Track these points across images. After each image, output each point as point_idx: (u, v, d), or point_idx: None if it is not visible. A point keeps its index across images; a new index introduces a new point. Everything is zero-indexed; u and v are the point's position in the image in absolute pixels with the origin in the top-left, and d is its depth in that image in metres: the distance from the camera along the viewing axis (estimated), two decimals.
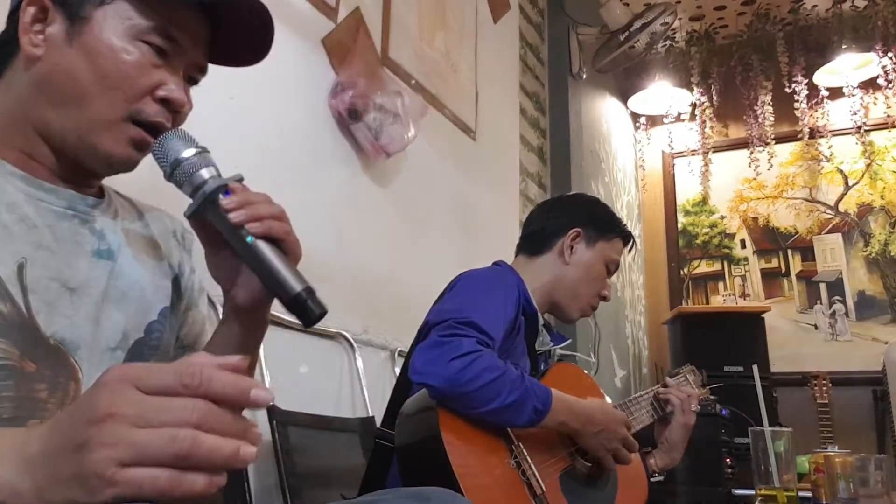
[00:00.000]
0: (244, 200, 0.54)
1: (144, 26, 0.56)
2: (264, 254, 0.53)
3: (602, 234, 1.17)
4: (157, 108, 0.57)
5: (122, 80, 0.55)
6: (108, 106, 0.55)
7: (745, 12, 2.96)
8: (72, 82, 0.55)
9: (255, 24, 0.62)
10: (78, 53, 0.55)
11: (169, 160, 0.54)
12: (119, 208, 0.64)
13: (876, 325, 2.73)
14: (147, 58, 0.56)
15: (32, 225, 0.55)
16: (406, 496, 0.58)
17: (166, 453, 0.34)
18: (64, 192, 0.58)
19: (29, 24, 0.56)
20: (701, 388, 1.30)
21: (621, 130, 3.10)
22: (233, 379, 0.36)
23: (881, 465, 1.20)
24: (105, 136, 0.56)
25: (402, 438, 0.90)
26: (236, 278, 0.58)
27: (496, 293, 1.01)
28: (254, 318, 0.60)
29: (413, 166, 1.64)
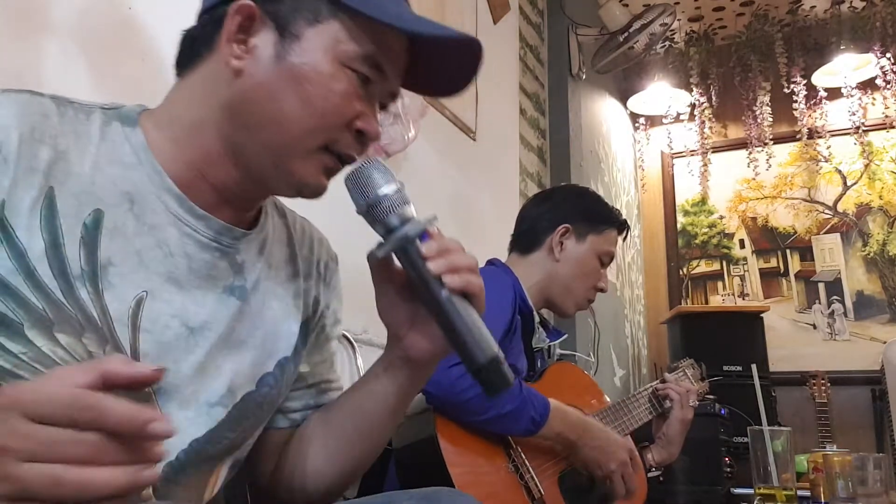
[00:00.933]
0: (443, 249, 0.50)
1: (354, 53, 0.52)
2: (458, 311, 0.49)
3: (592, 227, 1.16)
4: (352, 140, 0.54)
5: (328, 109, 0.51)
6: (310, 134, 0.52)
7: (744, 13, 2.97)
8: (275, 106, 0.51)
9: (461, 56, 0.57)
10: (285, 75, 0.51)
11: (367, 195, 0.51)
12: (270, 232, 0.60)
13: (874, 324, 2.74)
14: (353, 86, 0.52)
15: (169, 253, 0.51)
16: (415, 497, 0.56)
17: (53, 494, 0.32)
18: (215, 221, 0.53)
19: (235, 32, 0.51)
20: (700, 382, 1.30)
21: (621, 131, 3.10)
22: (128, 413, 0.33)
23: (880, 464, 1.20)
24: (301, 163, 0.52)
25: (399, 441, 0.90)
26: (413, 327, 0.54)
27: (492, 296, 1.01)
28: (424, 371, 0.57)
29: (413, 166, 1.64)
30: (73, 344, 0.47)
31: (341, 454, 0.59)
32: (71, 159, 0.49)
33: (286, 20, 0.52)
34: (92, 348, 0.47)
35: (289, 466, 0.61)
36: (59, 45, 0.87)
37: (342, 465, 0.60)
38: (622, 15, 2.44)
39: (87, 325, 0.47)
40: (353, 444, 0.59)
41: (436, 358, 0.56)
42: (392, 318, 0.55)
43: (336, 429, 0.60)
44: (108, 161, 0.51)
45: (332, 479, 0.60)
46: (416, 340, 0.54)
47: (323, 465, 0.59)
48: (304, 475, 0.60)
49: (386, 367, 0.57)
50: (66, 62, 0.88)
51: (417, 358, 0.55)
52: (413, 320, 0.54)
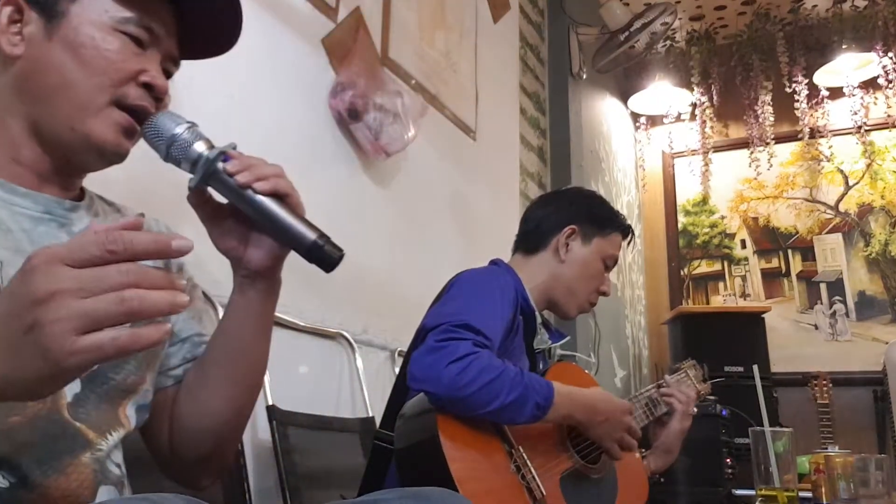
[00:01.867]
0: (246, 163, 0.55)
1: (121, 17, 0.57)
2: (276, 210, 0.54)
3: (598, 230, 1.16)
4: (141, 92, 0.58)
5: (106, 67, 0.56)
6: (95, 91, 0.56)
7: (746, 12, 2.96)
8: (56, 74, 0.56)
9: (223, 12, 0.63)
10: (58, 47, 0.56)
11: (164, 139, 0.55)
12: (101, 210, 0.64)
13: (876, 325, 2.73)
14: (127, 47, 0.57)
15: (7, 230, 0.55)
16: (406, 496, 0.58)
17: (118, 313, 0.36)
18: (40, 196, 0.57)
19: (6, 24, 0.57)
20: (702, 383, 1.29)
21: (621, 130, 3.10)
22: (152, 236, 0.38)
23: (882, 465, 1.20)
24: (95, 122, 0.56)
25: (401, 441, 0.90)
26: (246, 244, 0.59)
27: (492, 294, 1.01)
28: (270, 280, 0.61)
29: (413, 166, 1.63)
30: None
31: (223, 385, 0.62)
32: None
33: (48, 3, 0.57)
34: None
35: (181, 419, 0.64)
36: None
37: (227, 397, 0.62)
38: (623, 14, 2.44)
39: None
40: (230, 372, 0.62)
41: (274, 261, 0.60)
42: (226, 245, 0.60)
43: (211, 364, 0.63)
44: None
45: (223, 413, 0.63)
46: (252, 254, 0.59)
47: (210, 401, 0.62)
48: (197, 418, 0.63)
49: (237, 291, 0.61)
50: None
51: (257, 268, 0.59)
52: (245, 240, 0.59)
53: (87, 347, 0.36)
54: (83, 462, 0.54)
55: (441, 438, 0.84)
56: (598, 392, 1.02)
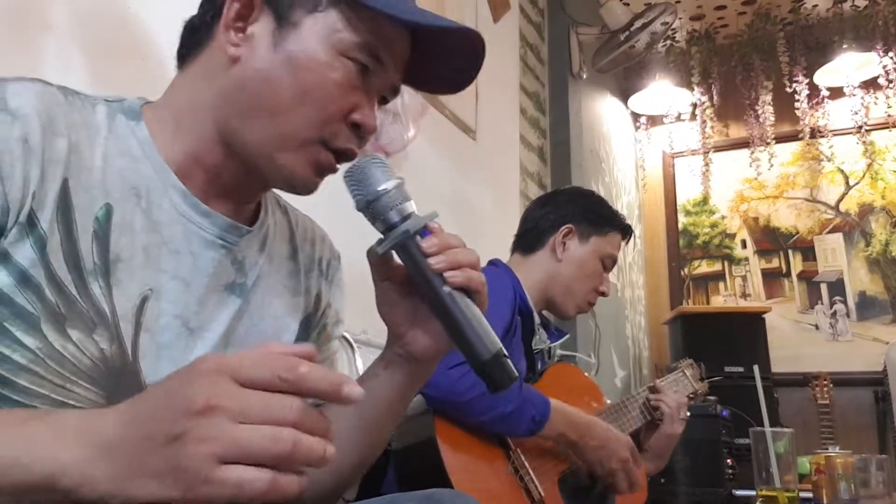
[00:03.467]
0: (444, 245, 0.50)
1: (353, 42, 0.51)
2: (461, 308, 0.49)
3: (596, 229, 1.15)
4: (349, 133, 0.53)
5: (324, 98, 0.51)
6: (305, 124, 0.51)
7: (746, 12, 2.96)
8: (270, 92, 0.51)
9: (462, 51, 0.57)
10: (281, 61, 0.51)
11: (367, 191, 0.50)
12: (271, 228, 0.59)
13: (877, 325, 2.73)
14: (350, 76, 0.52)
15: (175, 250, 0.50)
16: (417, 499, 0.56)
17: (268, 453, 0.32)
18: (218, 217, 0.53)
19: (233, 20, 0.51)
20: (700, 382, 1.29)
21: (622, 130, 3.10)
22: (325, 374, 0.35)
23: (882, 465, 1.19)
24: (295, 155, 0.51)
25: (398, 443, 0.90)
26: (414, 324, 0.54)
27: (493, 292, 1.00)
28: (425, 368, 0.56)
29: (413, 166, 1.63)
30: (84, 340, 0.46)
31: (341, 454, 0.58)
32: (83, 152, 0.48)
33: (284, 8, 0.52)
34: (102, 345, 0.47)
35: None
36: (58, 45, 0.87)
37: (341, 466, 0.58)
38: (623, 14, 2.43)
39: (98, 321, 0.47)
40: (352, 443, 0.58)
41: (438, 354, 0.55)
42: (392, 316, 0.55)
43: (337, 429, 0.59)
44: (116, 154, 0.50)
45: (332, 480, 0.59)
46: (418, 337, 0.54)
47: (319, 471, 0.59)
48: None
49: (386, 365, 0.56)
50: (65, 62, 0.88)
51: (418, 355, 0.55)
52: (414, 317, 0.54)
53: (224, 481, 0.32)
54: None
55: (438, 440, 0.85)
56: (599, 420, 0.99)
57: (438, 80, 0.59)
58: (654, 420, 1.15)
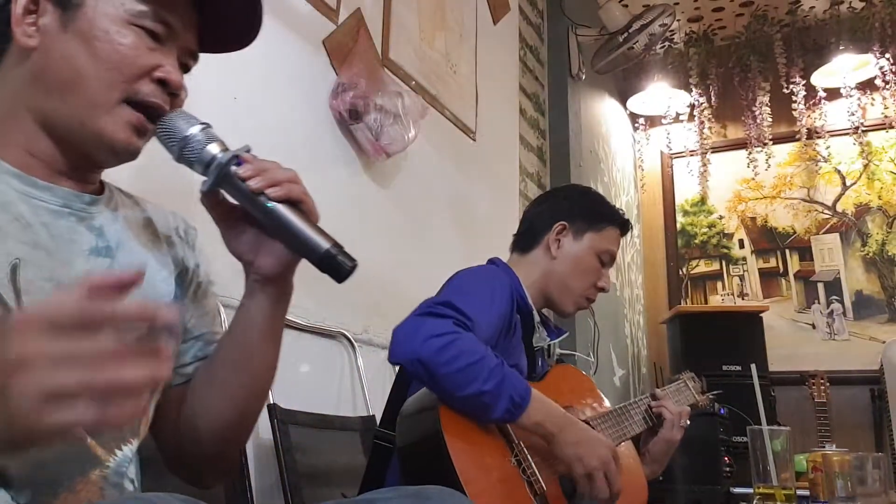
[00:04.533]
0: (259, 167, 0.54)
1: (138, 10, 0.56)
2: (288, 217, 0.53)
3: (591, 225, 1.14)
4: (155, 88, 0.56)
5: (120, 62, 0.55)
6: (107, 87, 0.55)
7: (744, 14, 2.97)
8: (69, 67, 0.55)
9: (242, 5, 0.62)
10: (73, 39, 0.55)
11: (177, 139, 0.54)
12: (120, 204, 0.63)
13: (873, 324, 2.74)
14: (142, 41, 0.56)
15: (27, 224, 0.54)
16: (407, 495, 0.58)
17: (87, 387, 0.34)
18: (60, 189, 0.57)
19: (21, 15, 0.55)
20: (701, 395, 1.29)
21: (620, 131, 3.11)
22: (136, 305, 0.36)
23: (879, 463, 1.21)
24: (106, 120, 0.55)
25: (403, 438, 0.90)
26: (258, 249, 0.58)
27: (485, 287, 1.00)
28: (281, 286, 0.60)
29: (413, 167, 1.64)
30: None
31: (231, 388, 0.61)
32: None
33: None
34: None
35: (191, 414, 0.63)
36: None
37: (229, 399, 0.62)
38: (622, 15, 2.45)
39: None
40: (237, 375, 0.61)
41: (286, 268, 0.58)
42: (238, 248, 0.59)
43: (218, 366, 0.62)
44: None
45: (224, 417, 0.62)
46: (264, 260, 0.58)
47: (219, 402, 0.62)
48: (206, 417, 0.62)
49: (248, 295, 0.60)
50: None
51: (268, 274, 0.58)
52: (257, 245, 0.58)
53: (53, 423, 0.35)
54: (92, 480, 0.53)
55: (444, 433, 0.85)
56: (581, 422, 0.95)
57: (228, 38, 0.64)
58: (655, 427, 1.14)
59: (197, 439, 0.63)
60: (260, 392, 0.64)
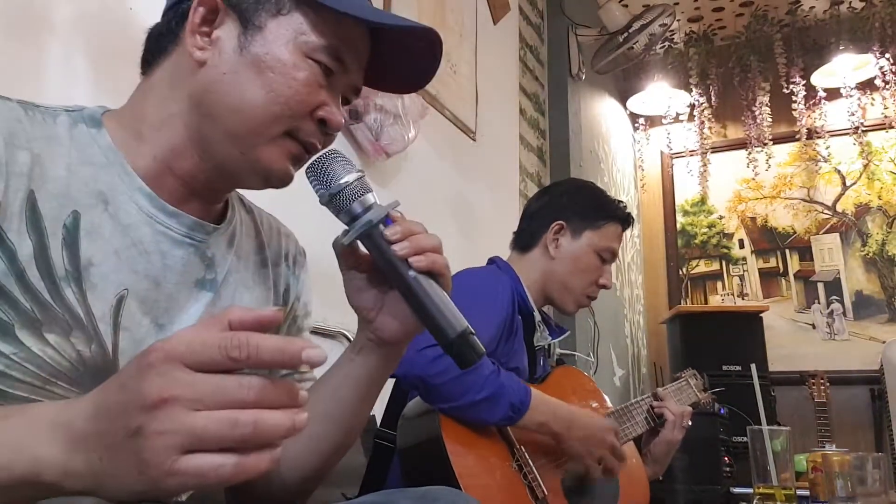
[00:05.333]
0: (407, 231, 0.51)
1: (317, 45, 0.53)
2: (426, 291, 0.50)
3: (589, 223, 1.12)
4: (314, 128, 0.54)
5: (291, 98, 0.52)
6: (272, 121, 0.52)
7: (744, 14, 2.97)
8: (237, 93, 0.52)
9: (421, 50, 0.58)
10: (247, 64, 0.52)
11: (329, 185, 0.52)
12: (238, 226, 0.61)
13: (873, 324, 2.74)
14: (315, 77, 0.53)
15: (144, 251, 0.52)
16: (413, 497, 0.57)
17: (229, 437, 0.32)
18: (186, 217, 0.54)
19: (198, 24, 0.53)
20: (703, 393, 1.28)
21: (620, 131, 3.11)
22: (281, 343, 0.34)
23: (879, 463, 1.21)
24: (266, 150, 0.53)
25: (403, 441, 0.90)
26: (382, 307, 0.55)
27: (484, 292, 1.00)
28: (397, 350, 0.58)
29: (413, 167, 1.64)
30: (62, 343, 0.47)
31: (316, 440, 0.59)
32: (45, 163, 0.49)
33: (249, 12, 0.53)
34: (80, 347, 0.48)
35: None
36: (59, 46, 0.88)
37: (317, 452, 0.60)
38: (622, 15, 2.45)
39: (74, 324, 0.48)
40: (327, 429, 0.59)
41: (407, 337, 0.57)
42: (361, 303, 0.56)
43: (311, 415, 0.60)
44: (80, 163, 0.51)
45: (309, 467, 0.60)
46: (387, 322, 0.55)
47: (299, 453, 0.59)
48: (281, 464, 0.60)
49: (358, 351, 0.58)
50: (66, 63, 0.88)
51: (388, 338, 0.56)
52: (382, 303, 0.56)
53: (187, 471, 0.32)
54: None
55: (444, 438, 0.84)
56: (582, 409, 0.98)
57: (398, 80, 0.62)
58: (657, 427, 1.14)
59: (268, 485, 0.60)
60: (345, 447, 0.61)
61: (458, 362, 0.50)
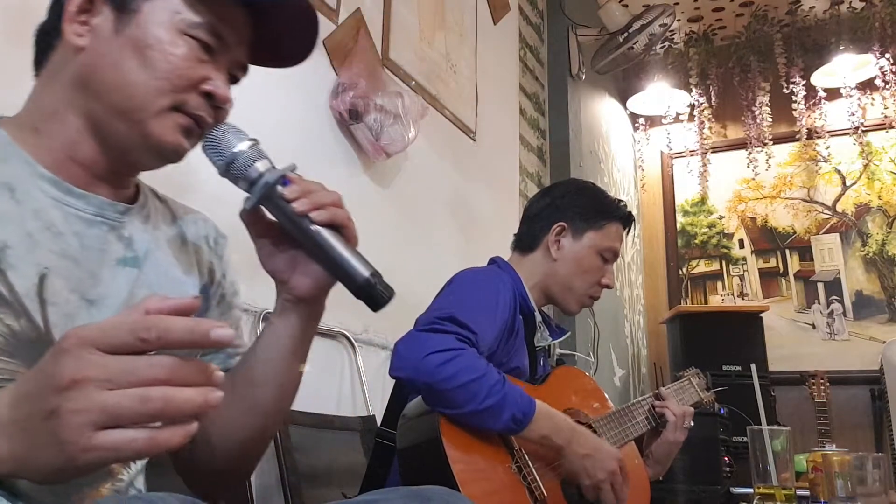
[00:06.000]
0: (305, 189, 0.53)
1: (193, 21, 0.55)
2: (330, 242, 0.52)
3: (590, 224, 1.12)
4: (201, 101, 0.56)
5: (170, 72, 0.54)
6: (155, 94, 0.54)
7: (744, 14, 2.97)
8: (118, 73, 0.54)
9: (299, 24, 0.61)
10: (125, 45, 0.54)
11: (224, 155, 0.53)
12: (153, 211, 0.62)
13: (873, 324, 2.74)
14: (194, 52, 0.55)
15: (58, 232, 0.53)
16: (407, 495, 0.58)
17: (140, 413, 0.34)
18: (94, 197, 0.56)
19: (74, 13, 0.54)
20: (705, 392, 1.28)
21: (620, 131, 3.11)
22: (190, 324, 0.36)
23: (879, 463, 1.20)
24: (155, 123, 0.54)
25: (403, 441, 0.90)
26: (294, 269, 0.57)
27: (487, 293, 1.00)
28: (314, 307, 0.59)
29: (413, 167, 1.64)
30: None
31: (251, 404, 0.61)
32: None
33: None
34: (8, 321, 0.50)
35: (205, 431, 0.62)
36: None
37: (254, 415, 0.61)
38: (622, 15, 2.45)
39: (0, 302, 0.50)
40: (261, 392, 0.60)
41: (321, 292, 0.58)
42: (274, 266, 0.58)
43: (240, 382, 0.61)
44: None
45: (247, 431, 0.61)
46: (300, 280, 0.57)
47: (236, 419, 0.61)
48: (222, 431, 0.62)
49: (279, 314, 0.60)
50: None
51: (303, 296, 0.58)
52: (294, 263, 0.57)
53: (102, 446, 0.34)
54: (101, 493, 0.53)
55: (443, 439, 0.84)
56: (588, 431, 0.96)
57: (281, 54, 0.63)
58: (659, 427, 1.13)
59: (210, 453, 0.62)
60: (280, 411, 0.62)
61: (370, 305, 0.52)
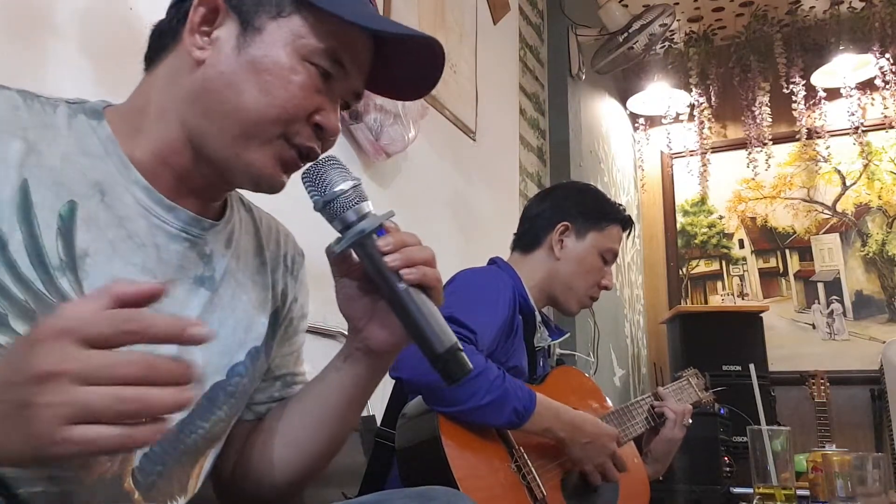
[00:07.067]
0: (400, 243, 0.51)
1: (315, 48, 0.53)
2: (417, 304, 0.50)
3: (593, 225, 1.14)
4: (310, 132, 0.54)
5: (287, 101, 0.52)
6: (268, 124, 0.52)
7: (744, 13, 2.97)
8: (234, 94, 0.52)
9: (424, 59, 0.58)
10: (245, 66, 0.52)
11: (324, 192, 0.52)
12: (237, 225, 0.60)
13: (873, 324, 2.74)
14: (312, 81, 0.53)
15: (140, 244, 0.52)
16: (410, 496, 0.57)
17: (114, 412, 0.34)
18: (182, 212, 0.54)
19: (198, 24, 0.53)
20: (704, 392, 1.28)
21: (620, 131, 3.11)
22: (168, 320, 0.36)
23: (879, 463, 1.21)
24: (258, 153, 0.52)
25: (402, 441, 0.90)
26: (371, 318, 0.55)
27: (487, 293, 1.00)
28: (385, 360, 0.58)
29: (413, 167, 1.64)
30: None
31: (305, 444, 0.60)
32: (42, 151, 0.49)
33: (249, 14, 0.53)
34: None
35: (255, 458, 0.62)
36: (59, 45, 0.88)
37: (306, 455, 0.60)
38: (622, 15, 2.45)
39: None
40: (316, 433, 0.60)
41: (395, 348, 0.57)
42: (352, 311, 0.56)
43: (299, 419, 0.60)
44: (77, 152, 0.51)
45: (298, 469, 0.61)
46: (376, 331, 0.56)
47: (288, 455, 0.60)
48: (270, 466, 0.61)
49: (346, 358, 0.58)
50: (66, 62, 0.88)
51: (376, 348, 0.56)
52: (372, 312, 0.56)
53: (72, 440, 0.34)
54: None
55: (442, 438, 0.84)
56: (588, 415, 0.99)
57: (399, 87, 0.61)
58: (658, 426, 1.14)
59: (257, 481, 0.61)
60: (332, 453, 0.61)
61: (444, 377, 0.50)
